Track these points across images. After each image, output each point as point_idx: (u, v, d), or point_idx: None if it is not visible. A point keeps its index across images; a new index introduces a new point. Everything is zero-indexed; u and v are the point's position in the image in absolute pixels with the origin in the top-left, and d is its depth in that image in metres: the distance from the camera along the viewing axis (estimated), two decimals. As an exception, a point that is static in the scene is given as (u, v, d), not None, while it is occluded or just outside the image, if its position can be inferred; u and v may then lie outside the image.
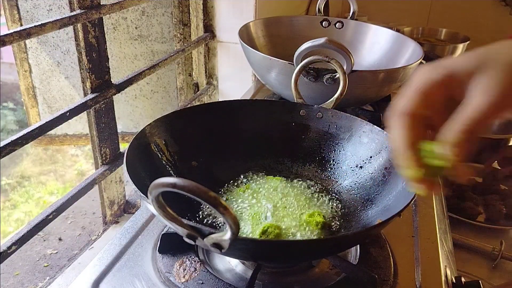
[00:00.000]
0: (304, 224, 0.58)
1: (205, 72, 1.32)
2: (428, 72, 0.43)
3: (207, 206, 0.62)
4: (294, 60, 0.77)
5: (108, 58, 0.88)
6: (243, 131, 0.71)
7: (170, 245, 0.57)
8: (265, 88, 1.14)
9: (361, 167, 0.66)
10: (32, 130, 0.71)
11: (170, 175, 0.62)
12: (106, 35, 0.86)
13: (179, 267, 0.55)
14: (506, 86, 0.39)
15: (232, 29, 1.20)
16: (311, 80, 0.82)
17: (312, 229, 0.58)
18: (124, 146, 1.10)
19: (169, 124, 0.65)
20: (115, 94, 0.90)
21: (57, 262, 0.90)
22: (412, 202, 0.49)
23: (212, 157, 0.69)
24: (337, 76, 0.73)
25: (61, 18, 0.74)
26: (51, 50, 1.20)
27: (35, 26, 0.69)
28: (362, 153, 0.66)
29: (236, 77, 1.31)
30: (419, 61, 0.91)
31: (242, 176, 0.69)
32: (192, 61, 1.31)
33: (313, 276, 0.57)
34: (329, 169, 0.70)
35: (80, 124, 1.27)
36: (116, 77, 0.93)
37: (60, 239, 0.96)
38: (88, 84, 0.85)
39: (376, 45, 1.12)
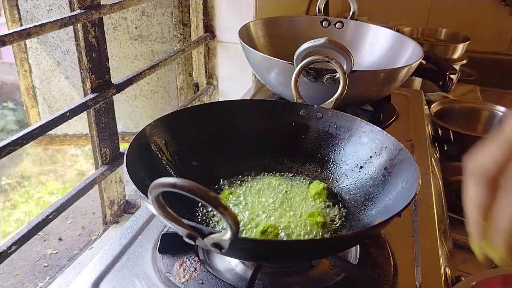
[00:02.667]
0: (304, 224, 0.58)
1: (205, 72, 1.32)
2: None
3: (207, 207, 0.62)
4: (294, 60, 0.77)
5: (108, 58, 0.88)
6: (243, 131, 0.71)
7: (170, 245, 0.57)
8: (265, 88, 1.14)
9: (361, 167, 0.66)
10: (32, 130, 0.71)
11: (170, 175, 0.62)
12: (106, 35, 0.86)
13: (179, 267, 0.55)
14: None
15: (232, 29, 1.20)
16: (311, 80, 0.82)
17: (312, 229, 0.58)
18: (124, 146, 1.10)
19: (169, 124, 0.65)
20: (115, 94, 0.90)
21: (57, 262, 0.90)
22: (412, 202, 0.49)
23: (212, 157, 0.69)
24: (337, 76, 0.73)
25: (61, 18, 0.74)
26: (51, 50, 1.20)
27: (35, 26, 0.69)
28: (362, 153, 0.66)
29: (236, 77, 1.31)
30: (419, 61, 0.91)
31: (242, 176, 0.69)
32: (192, 61, 1.31)
33: (313, 276, 0.57)
34: (329, 169, 0.70)
35: (80, 124, 1.27)
36: (116, 77, 0.93)
37: (60, 239, 0.96)
38: (88, 84, 0.85)
39: (376, 45, 1.12)
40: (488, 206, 0.35)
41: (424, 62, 1.16)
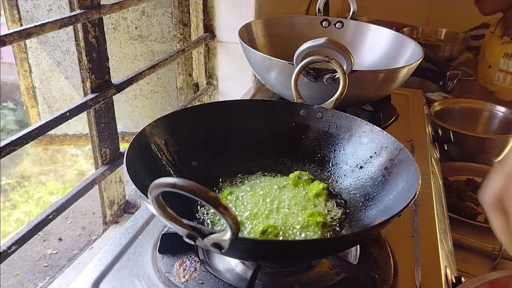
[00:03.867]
0: (304, 224, 0.58)
1: (205, 72, 1.32)
2: None
3: (207, 206, 0.62)
4: (294, 60, 0.77)
5: (108, 58, 0.88)
6: (243, 131, 0.71)
7: (170, 245, 0.57)
8: (265, 88, 1.14)
9: (361, 167, 0.66)
10: (32, 130, 0.71)
11: (170, 175, 0.62)
12: (106, 35, 0.86)
13: (179, 267, 0.55)
14: None
15: (232, 29, 1.20)
16: (311, 80, 0.82)
17: (312, 229, 0.58)
18: (124, 146, 1.10)
19: (169, 124, 0.65)
20: (115, 94, 0.90)
21: (57, 262, 0.90)
22: (412, 202, 0.49)
23: (212, 157, 0.69)
24: (337, 76, 0.73)
25: (61, 18, 0.74)
26: (51, 50, 1.20)
27: (35, 26, 0.69)
28: (362, 153, 0.66)
29: (236, 77, 1.31)
30: (419, 61, 0.91)
31: (242, 176, 0.69)
32: (192, 61, 1.31)
33: (313, 276, 0.57)
34: (329, 169, 0.70)
35: (80, 124, 1.27)
36: (116, 77, 0.93)
37: (60, 239, 0.96)
38: (88, 84, 0.85)
39: (376, 45, 1.12)
40: (508, 225, 0.42)
41: (424, 62, 1.16)
